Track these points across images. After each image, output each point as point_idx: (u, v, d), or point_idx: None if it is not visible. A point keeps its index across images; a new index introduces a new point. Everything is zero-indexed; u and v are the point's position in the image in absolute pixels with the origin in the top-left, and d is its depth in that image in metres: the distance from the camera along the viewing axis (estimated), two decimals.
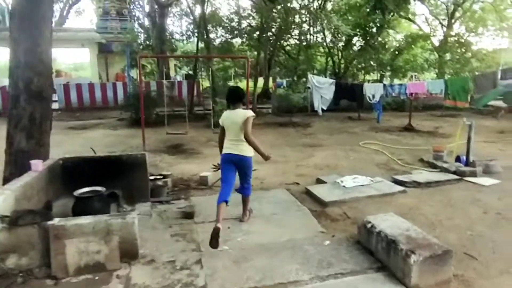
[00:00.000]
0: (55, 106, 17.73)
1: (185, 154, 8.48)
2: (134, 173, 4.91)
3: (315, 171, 6.83)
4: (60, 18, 26.95)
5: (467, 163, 6.28)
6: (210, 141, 9.88)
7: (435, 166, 6.80)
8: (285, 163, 7.51)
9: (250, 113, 3.94)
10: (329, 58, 18.47)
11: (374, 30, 16.25)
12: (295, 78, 18.42)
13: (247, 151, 3.96)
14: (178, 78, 24.06)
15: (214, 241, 3.45)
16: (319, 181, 6.05)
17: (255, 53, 19.10)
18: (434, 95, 11.66)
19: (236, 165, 4.01)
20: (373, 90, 10.65)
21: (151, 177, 5.55)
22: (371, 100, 10.78)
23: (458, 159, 6.60)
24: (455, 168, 6.19)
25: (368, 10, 15.69)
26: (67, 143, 10.00)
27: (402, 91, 10.62)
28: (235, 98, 4.05)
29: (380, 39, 17.47)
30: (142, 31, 20.47)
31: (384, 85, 10.97)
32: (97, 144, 9.88)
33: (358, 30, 15.31)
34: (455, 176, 5.94)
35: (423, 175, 6.14)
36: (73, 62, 45.02)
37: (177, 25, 26.55)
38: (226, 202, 3.87)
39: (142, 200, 4.99)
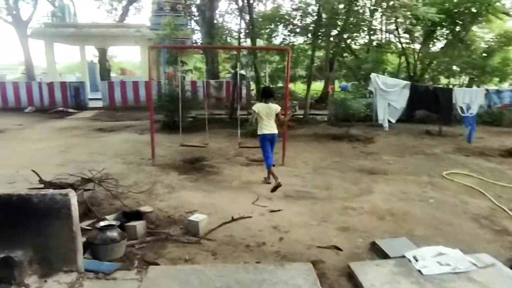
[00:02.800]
0: (99, 104, 17.05)
1: (199, 174, 6.46)
2: (51, 224, 2.95)
3: (372, 223, 4.35)
4: (121, 16, 27.01)
5: None
6: (237, 156, 7.77)
7: None
8: (326, 201, 5.09)
9: (279, 108, 5.81)
10: (402, 58, 15.26)
11: (467, 19, 12.40)
12: (361, 81, 15.48)
13: (276, 129, 5.78)
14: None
15: (275, 190, 5.23)
16: (375, 249, 3.59)
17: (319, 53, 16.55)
18: None
19: (271, 141, 5.72)
20: (468, 98, 7.49)
21: (102, 224, 3.58)
22: (464, 112, 7.67)
23: None
24: None
25: None
26: (77, 149, 8.60)
27: None
28: (268, 95, 5.77)
29: (469, 34, 13.77)
30: (199, 28, 19.05)
31: (487, 90, 7.68)
32: (107, 152, 8.30)
33: (444, 17, 11.53)
34: None
35: None
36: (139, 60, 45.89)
37: (235, 22, 25.05)
38: (273, 165, 5.67)
39: (64, 269, 3.03)
